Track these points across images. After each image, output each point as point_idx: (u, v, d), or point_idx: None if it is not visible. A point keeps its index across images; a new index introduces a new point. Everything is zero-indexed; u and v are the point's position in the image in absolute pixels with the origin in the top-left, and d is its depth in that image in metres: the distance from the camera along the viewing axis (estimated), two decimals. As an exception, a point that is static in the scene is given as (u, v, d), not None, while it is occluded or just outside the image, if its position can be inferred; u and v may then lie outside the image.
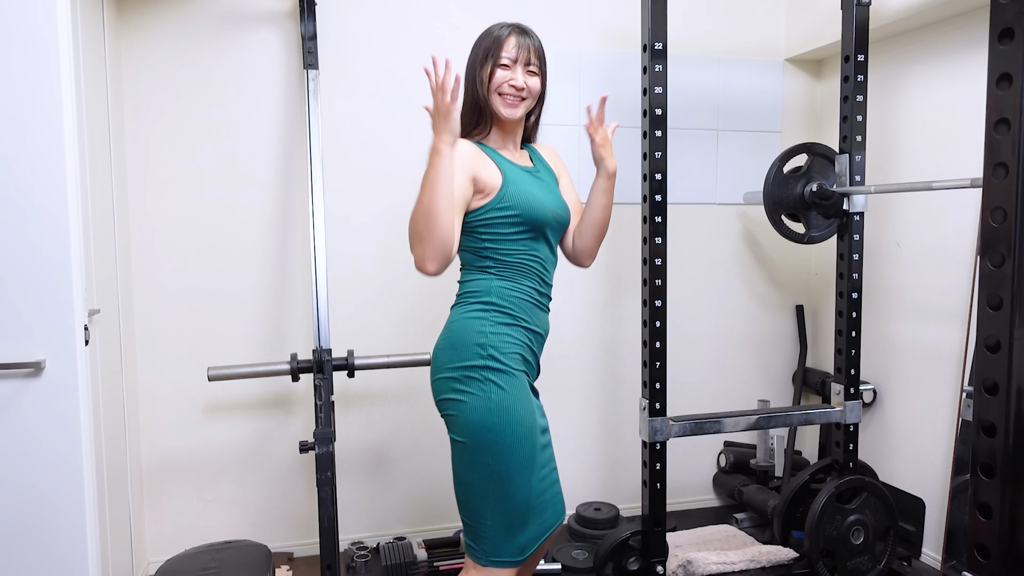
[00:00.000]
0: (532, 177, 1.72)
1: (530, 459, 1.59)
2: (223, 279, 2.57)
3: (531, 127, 1.82)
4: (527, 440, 1.58)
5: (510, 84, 1.65)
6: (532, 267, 1.68)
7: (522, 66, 1.67)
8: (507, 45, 1.66)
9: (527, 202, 1.64)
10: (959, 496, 2.35)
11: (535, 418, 1.62)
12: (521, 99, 1.68)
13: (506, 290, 1.63)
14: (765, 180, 2.37)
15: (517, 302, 1.64)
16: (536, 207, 1.65)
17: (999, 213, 0.94)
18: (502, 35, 1.67)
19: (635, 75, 2.83)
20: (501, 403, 1.55)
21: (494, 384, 1.56)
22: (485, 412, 1.55)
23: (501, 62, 1.65)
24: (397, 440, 2.77)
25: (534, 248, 1.68)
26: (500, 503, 1.57)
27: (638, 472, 2.36)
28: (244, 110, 2.55)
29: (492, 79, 1.66)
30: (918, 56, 2.56)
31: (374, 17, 2.63)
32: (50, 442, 1.71)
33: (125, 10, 2.43)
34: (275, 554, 2.57)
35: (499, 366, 1.58)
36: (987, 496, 0.95)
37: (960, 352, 2.40)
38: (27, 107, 1.65)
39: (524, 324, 1.64)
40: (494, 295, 1.63)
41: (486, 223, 1.63)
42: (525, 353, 1.65)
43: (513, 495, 1.57)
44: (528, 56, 1.67)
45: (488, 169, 1.63)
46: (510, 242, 1.64)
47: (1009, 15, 0.92)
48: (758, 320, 3.11)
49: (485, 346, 1.58)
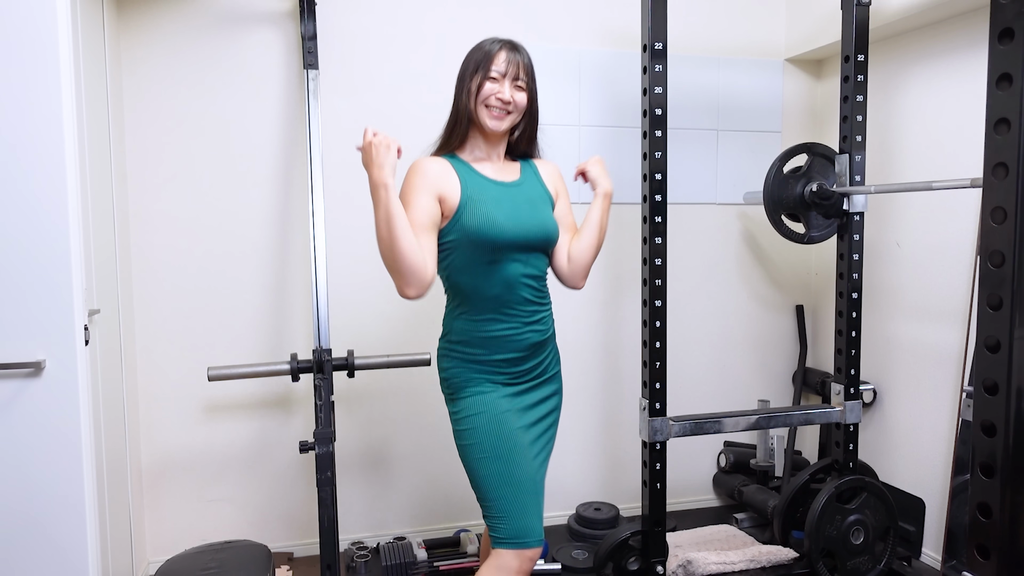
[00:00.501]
0: (506, 192, 1.71)
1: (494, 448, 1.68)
2: (223, 279, 2.57)
3: (523, 143, 1.82)
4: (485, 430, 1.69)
5: (497, 97, 1.68)
6: (493, 296, 1.69)
7: (510, 80, 1.70)
8: (497, 59, 1.69)
9: (480, 222, 1.64)
10: (959, 496, 2.35)
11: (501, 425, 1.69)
12: (507, 112, 1.70)
13: (466, 329, 1.72)
14: (765, 180, 2.37)
15: (477, 339, 1.71)
16: (492, 227, 1.64)
17: (999, 213, 0.94)
18: (493, 50, 1.70)
19: (635, 75, 2.84)
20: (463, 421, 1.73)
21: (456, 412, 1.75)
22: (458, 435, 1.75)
23: (490, 75, 1.68)
24: (397, 440, 2.77)
25: (498, 273, 1.68)
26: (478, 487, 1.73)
27: (638, 472, 2.36)
28: (244, 110, 2.55)
29: (480, 91, 1.68)
30: (918, 56, 2.56)
31: (374, 17, 2.63)
32: (50, 442, 1.71)
33: (125, 10, 2.43)
34: (275, 554, 2.57)
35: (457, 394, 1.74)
36: (987, 496, 0.95)
37: (960, 352, 2.40)
38: (27, 107, 1.65)
39: (482, 359, 1.71)
40: (454, 334, 1.75)
41: (446, 248, 1.68)
42: (490, 377, 1.72)
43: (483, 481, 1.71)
44: (517, 71, 1.70)
45: (451, 188, 1.66)
46: (468, 272, 1.67)
47: (1009, 15, 0.92)
48: (758, 320, 3.11)
49: (444, 381, 1.77)
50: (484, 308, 1.69)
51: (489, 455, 1.67)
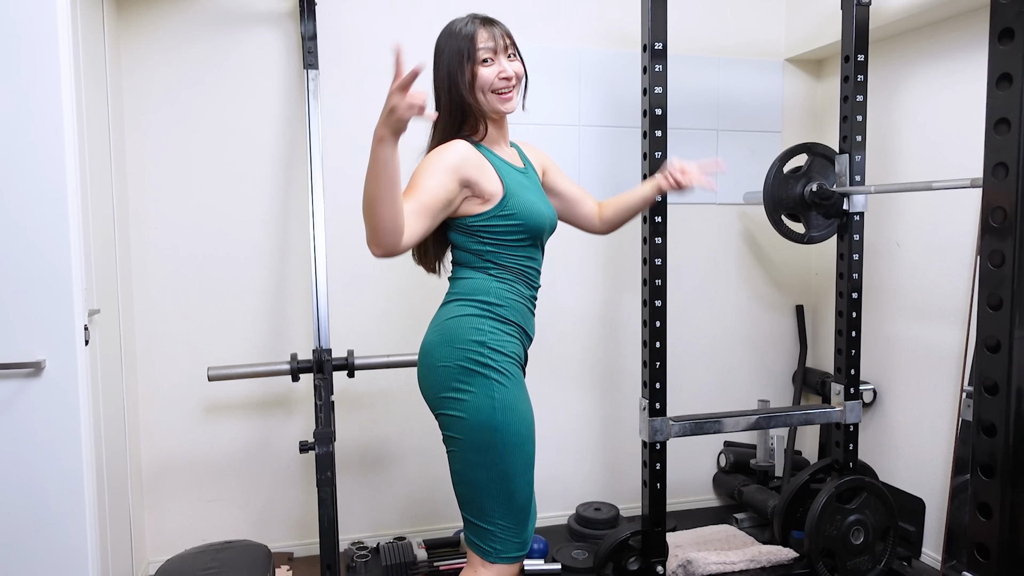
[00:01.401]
0: (527, 180, 1.71)
1: (532, 457, 1.61)
2: (223, 279, 2.57)
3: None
4: (529, 439, 1.59)
5: (501, 77, 1.62)
6: (528, 272, 1.69)
7: (502, 54, 1.63)
8: (480, 39, 1.61)
9: (529, 212, 1.64)
10: (959, 496, 2.35)
11: (533, 417, 1.63)
12: (512, 87, 1.65)
13: (505, 292, 1.62)
14: (765, 180, 2.37)
15: (514, 305, 1.64)
16: (537, 216, 1.65)
17: (999, 213, 0.94)
18: (472, 31, 1.61)
19: (635, 75, 2.83)
20: (505, 401, 1.54)
21: (496, 382, 1.54)
22: (489, 411, 1.53)
23: (482, 58, 1.61)
24: (397, 440, 2.77)
25: (531, 254, 1.69)
26: (508, 502, 1.56)
27: (638, 472, 2.36)
28: (244, 110, 2.55)
29: (479, 79, 1.61)
30: (918, 56, 2.56)
31: (374, 17, 2.63)
32: (50, 442, 1.71)
33: (125, 10, 2.43)
34: (275, 554, 2.57)
35: (499, 365, 1.56)
36: (987, 496, 0.95)
37: (960, 352, 2.40)
38: (27, 107, 1.65)
39: (520, 327, 1.65)
40: (492, 296, 1.61)
41: (489, 229, 1.62)
42: (520, 354, 1.66)
43: (518, 493, 1.57)
44: (504, 42, 1.64)
45: (488, 176, 1.61)
46: (511, 248, 1.65)
47: (1009, 15, 0.92)
48: (758, 320, 3.11)
49: (484, 344, 1.56)
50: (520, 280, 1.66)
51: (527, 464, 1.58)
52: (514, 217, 1.62)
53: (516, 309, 1.64)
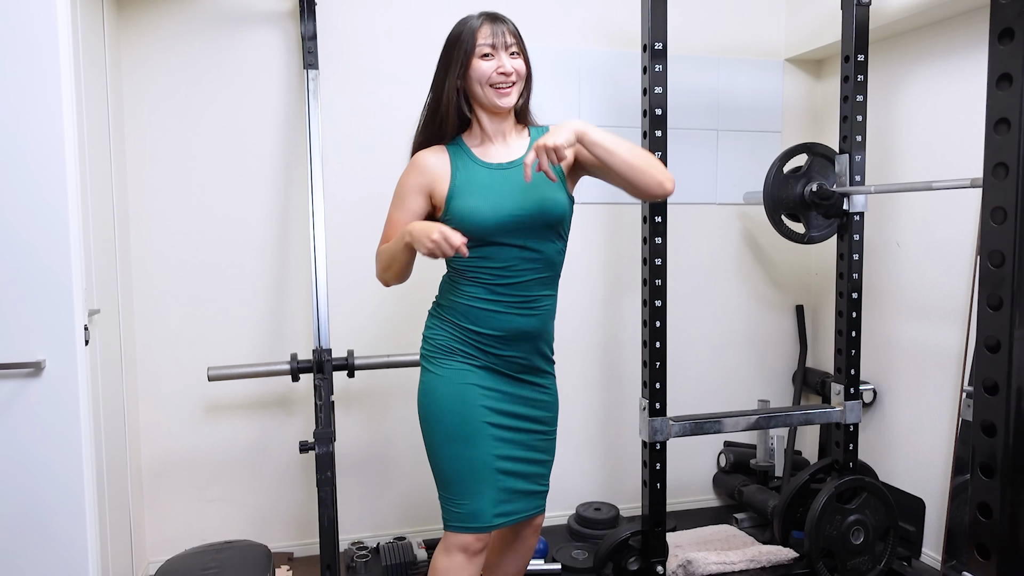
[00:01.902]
0: (491, 178, 1.67)
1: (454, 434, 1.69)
2: (223, 279, 2.57)
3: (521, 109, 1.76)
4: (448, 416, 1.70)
5: (499, 72, 1.62)
6: (481, 274, 1.69)
7: (503, 51, 1.64)
8: (482, 34, 1.62)
9: (462, 214, 1.64)
10: (959, 496, 2.35)
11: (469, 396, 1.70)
12: (511, 84, 1.65)
13: (449, 294, 1.76)
14: (765, 180, 2.37)
15: (459, 307, 1.72)
16: (473, 218, 1.63)
17: (999, 213, 0.94)
18: (475, 26, 1.63)
19: (635, 75, 2.83)
20: (427, 384, 1.75)
21: (426, 369, 1.77)
22: (420, 394, 1.78)
23: (482, 52, 1.62)
24: (397, 440, 2.77)
25: (487, 254, 1.67)
26: (439, 473, 1.73)
27: (638, 472, 2.36)
28: (244, 110, 2.54)
29: (477, 72, 1.63)
30: (918, 56, 2.56)
31: (374, 17, 2.63)
32: (50, 442, 1.71)
33: (125, 10, 2.43)
34: (275, 554, 2.57)
35: (431, 354, 1.76)
36: (987, 496, 0.95)
37: (960, 352, 2.40)
38: (27, 107, 1.65)
39: (462, 324, 1.72)
40: (441, 296, 1.80)
41: None
42: (467, 348, 1.72)
43: (445, 465, 1.71)
44: (506, 39, 1.64)
45: (440, 181, 1.68)
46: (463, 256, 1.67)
47: (1009, 15, 0.92)
48: (758, 320, 3.11)
49: (425, 337, 1.80)
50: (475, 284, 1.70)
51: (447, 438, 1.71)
52: (452, 221, 1.65)
53: (461, 310, 1.72)
